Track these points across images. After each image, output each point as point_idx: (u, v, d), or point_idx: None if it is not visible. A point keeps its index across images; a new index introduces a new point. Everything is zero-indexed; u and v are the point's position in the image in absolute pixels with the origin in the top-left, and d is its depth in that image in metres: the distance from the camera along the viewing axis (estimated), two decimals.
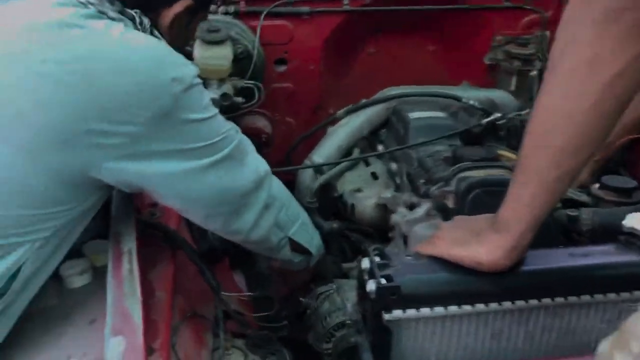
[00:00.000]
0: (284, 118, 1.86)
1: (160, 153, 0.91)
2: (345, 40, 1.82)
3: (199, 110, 0.93)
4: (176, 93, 0.87)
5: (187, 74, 0.90)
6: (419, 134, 1.40)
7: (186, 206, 1.04)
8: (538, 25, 1.82)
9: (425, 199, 1.22)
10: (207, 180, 0.98)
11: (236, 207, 1.06)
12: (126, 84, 0.84)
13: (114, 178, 0.93)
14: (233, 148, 1.00)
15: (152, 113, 0.86)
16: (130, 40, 0.89)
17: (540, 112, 0.76)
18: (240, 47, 1.58)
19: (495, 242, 0.80)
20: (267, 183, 1.11)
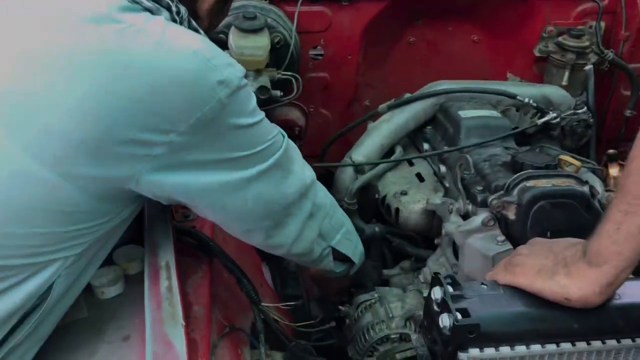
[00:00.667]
0: (318, 110, 1.77)
1: (203, 163, 0.82)
2: (384, 29, 1.72)
3: (246, 115, 0.84)
4: (222, 98, 0.78)
5: (234, 75, 0.80)
6: (471, 134, 1.30)
7: (227, 219, 0.96)
8: (592, 15, 1.69)
9: (482, 208, 1.12)
10: (251, 191, 0.89)
11: (279, 220, 0.98)
12: (168, 89, 0.75)
13: (151, 191, 0.84)
14: (280, 156, 0.92)
15: (196, 120, 0.77)
16: (172, 38, 0.78)
17: None
18: (277, 35, 1.47)
19: (588, 277, 0.71)
20: (313, 191, 1.03)
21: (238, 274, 1.07)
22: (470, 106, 1.39)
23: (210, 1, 0.91)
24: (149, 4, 0.82)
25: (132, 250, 1.09)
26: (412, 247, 1.39)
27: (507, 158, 1.20)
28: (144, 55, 0.75)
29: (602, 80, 1.73)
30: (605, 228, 0.70)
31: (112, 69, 0.74)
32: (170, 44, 0.77)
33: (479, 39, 1.80)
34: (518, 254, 0.83)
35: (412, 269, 1.38)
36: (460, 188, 1.16)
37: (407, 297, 1.24)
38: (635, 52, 1.73)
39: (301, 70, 1.64)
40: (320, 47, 1.67)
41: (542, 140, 1.47)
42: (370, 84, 1.83)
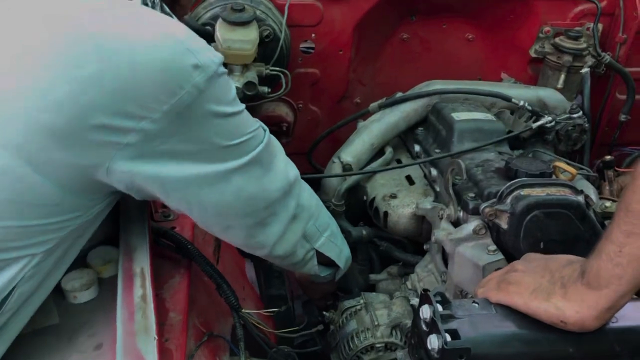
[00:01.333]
0: (308, 106, 1.72)
1: (178, 153, 0.77)
2: (377, 25, 1.67)
3: (225, 103, 0.79)
4: (198, 83, 0.74)
5: (212, 60, 0.76)
6: (464, 138, 1.26)
7: (204, 216, 0.91)
8: (590, 16, 1.66)
9: (474, 215, 1.09)
10: (230, 186, 0.85)
11: (261, 219, 0.94)
12: (140, 73, 0.71)
13: (123, 182, 0.79)
14: (261, 150, 0.87)
15: (171, 106, 0.73)
16: (145, 21, 0.75)
17: None
18: (266, 28, 1.42)
19: (587, 300, 0.67)
20: (297, 190, 0.99)
21: (217, 278, 1.02)
22: (463, 108, 1.35)
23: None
24: None
25: (107, 251, 1.04)
26: (400, 252, 1.35)
27: (500, 164, 1.16)
28: (114, 38, 0.71)
29: (597, 83, 1.70)
30: (606, 249, 0.67)
31: (81, 51, 0.70)
32: (142, 27, 0.73)
33: (474, 38, 1.76)
34: (513, 271, 0.79)
35: (400, 275, 1.34)
36: (451, 194, 1.12)
37: (394, 305, 1.20)
38: (632, 56, 1.69)
39: (290, 66, 1.59)
40: (311, 42, 1.62)
41: (536, 145, 1.44)
42: (361, 80, 1.78)
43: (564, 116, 1.41)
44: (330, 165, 1.45)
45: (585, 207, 1.04)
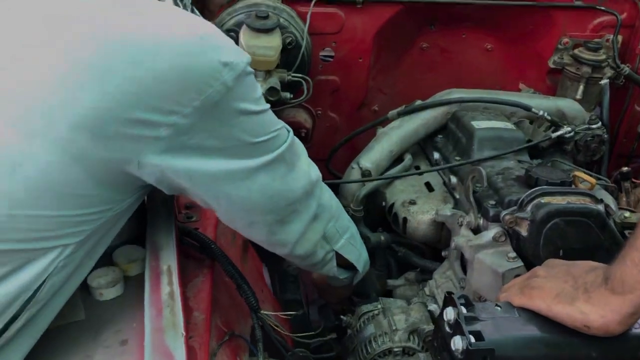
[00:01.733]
0: (327, 113, 1.75)
1: (207, 149, 0.80)
2: (397, 33, 1.69)
3: (251, 101, 0.82)
4: (227, 80, 0.76)
5: (240, 59, 0.78)
6: (484, 146, 1.27)
7: (229, 210, 0.93)
8: (610, 28, 1.67)
9: (494, 222, 1.09)
10: (255, 182, 0.87)
11: (283, 216, 0.95)
12: (171, 67, 0.73)
13: (154, 175, 0.82)
14: (285, 149, 0.89)
15: (200, 103, 0.75)
16: (178, 20, 0.77)
17: None
18: (289, 35, 1.45)
19: (610, 305, 0.68)
20: (318, 191, 1.01)
21: (238, 279, 1.04)
22: (483, 117, 1.36)
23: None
24: None
25: (132, 250, 1.06)
26: (418, 258, 1.36)
27: (520, 172, 1.17)
28: (146, 35, 0.73)
29: (616, 94, 1.70)
30: (631, 255, 0.67)
31: (115, 47, 0.72)
32: (174, 25, 0.75)
33: (493, 48, 1.78)
34: (535, 276, 0.80)
35: (417, 281, 1.35)
36: (472, 201, 1.13)
37: (412, 310, 1.21)
38: None
39: (311, 72, 1.61)
40: (331, 49, 1.64)
41: (554, 154, 1.44)
42: (380, 88, 1.80)
43: (583, 127, 1.42)
44: (349, 171, 1.46)
45: (606, 216, 1.05)
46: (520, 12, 1.68)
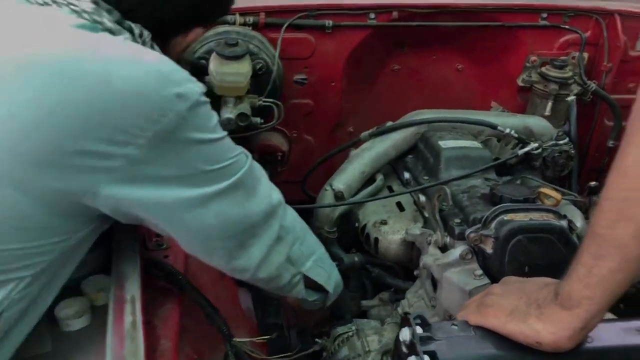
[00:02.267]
0: (302, 135, 1.76)
1: (161, 178, 0.81)
2: (368, 56, 1.72)
3: (207, 130, 0.83)
4: (181, 111, 0.78)
5: (193, 90, 0.80)
6: (451, 165, 1.29)
7: (187, 238, 0.94)
8: (575, 45, 1.70)
9: (460, 241, 1.11)
10: (213, 209, 0.88)
11: (243, 240, 0.96)
12: (124, 100, 0.75)
13: (109, 206, 0.83)
14: (243, 175, 0.91)
15: (154, 133, 0.77)
16: (130, 52, 0.79)
17: (623, 176, 0.64)
18: (259, 62, 1.47)
19: (561, 321, 0.69)
20: (280, 214, 1.01)
21: (208, 309, 1.04)
22: (451, 136, 1.38)
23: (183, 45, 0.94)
24: (110, 25, 0.84)
25: (101, 280, 1.06)
26: (392, 278, 1.37)
27: (486, 190, 1.19)
28: (101, 67, 0.75)
29: (585, 110, 1.74)
30: (577, 271, 0.69)
31: (66, 78, 0.74)
32: (127, 57, 0.77)
33: (463, 68, 1.81)
34: (491, 294, 0.81)
35: (392, 301, 1.35)
36: (438, 220, 1.14)
37: (385, 331, 1.21)
38: (618, 84, 1.74)
39: (284, 96, 1.63)
40: (304, 74, 1.67)
41: (523, 171, 1.46)
42: (354, 110, 1.82)
43: (550, 143, 1.44)
44: (322, 192, 1.48)
45: (569, 232, 1.06)
46: (488, 32, 1.71)
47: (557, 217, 1.07)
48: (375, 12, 1.61)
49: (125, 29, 0.86)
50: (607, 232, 0.65)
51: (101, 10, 0.84)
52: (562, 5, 1.70)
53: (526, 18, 1.69)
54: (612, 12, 1.68)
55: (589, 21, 1.70)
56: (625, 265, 0.65)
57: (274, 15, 1.56)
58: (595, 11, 1.69)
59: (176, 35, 0.94)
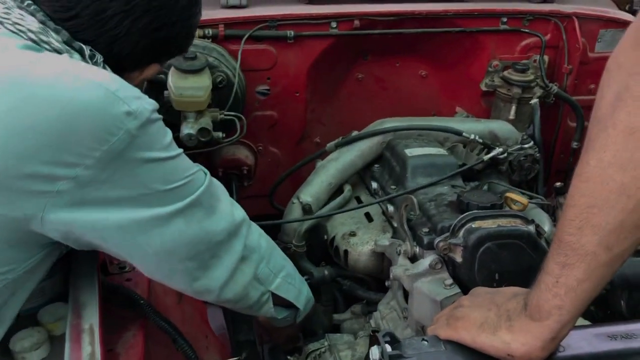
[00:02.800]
0: (268, 148, 1.74)
1: (114, 200, 0.77)
2: (332, 66, 1.70)
3: (159, 149, 0.80)
4: (131, 129, 0.75)
5: (143, 107, 0.77)
6: (418, 173, 1.28)
7: (144, 262, 0.90)
8: (536, 49, 1.72)
9: (429, 250, 1.09)
10: (169, 230, 0.85)
11: (204, 261, 0.92)
12: (71, 121, 0.72)
13: (59, 231, 0.79)
14: (201, 194, 0.87)
15: (103, 153, 0.73)
16: (76, 71, 0.76)
17: (586, 183, 0.63)
18: (219, 75, 1.44)
19: (531, 332, 0.68)
20: (244, 232, 0.98)
21: (172, 333, 1.00)
22: (417, 144, 1.37)
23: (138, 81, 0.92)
24: (58, 45, 0.81)
25: (59, 308, 1.02)
26: (363, 290, 1.34)
27: (453, 197, 1.18)
28: (45, 86, 0.72)
29: (549, 112, 1.75)
30: (544, 280, 0.68)
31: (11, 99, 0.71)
32: (73, 76, 0.74)
33: (427, 74, 1.81)
34: (460, 306, 0.80)
35: (364, 313, 1.33)
36: (406, 230, 1.13)
37: (358, 345, 1.19)
38: (579, 85, 1.76)
39: (247, 109, 1.61)
40: (267, 85, 1.65)
41: (490, 176, 1.46)
42: (320, 120, 1.81)
43: (515, 147, 1.44)
44: (290, 206, 1.45)
45: (537, 236, 1.06)
46: (450, 38, 1.72)
47: (524, 222, 1.07)
48: (336, 21, 1.59)
49: (75, 49, 0.82)
50: (574, 240, 0.64)
51: (48, 29, 0.81)
52: (521, 10, 1.71)
53: (487, 23, 1.70)
54: (570, 14, 1.70)
55: (548, 24, 1.72)
56: (593, 273, 0.64)
57: (233, 27, 1.53)
58: (554, 14, 1.71)
59: (132, 70, 0.91)
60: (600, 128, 0.62)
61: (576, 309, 0.66)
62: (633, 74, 0.59)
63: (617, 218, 0.61)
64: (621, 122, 0.60)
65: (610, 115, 0.61)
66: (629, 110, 0.59)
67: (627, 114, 0.59)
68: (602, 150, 0.61)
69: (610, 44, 1.74)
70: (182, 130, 1.34)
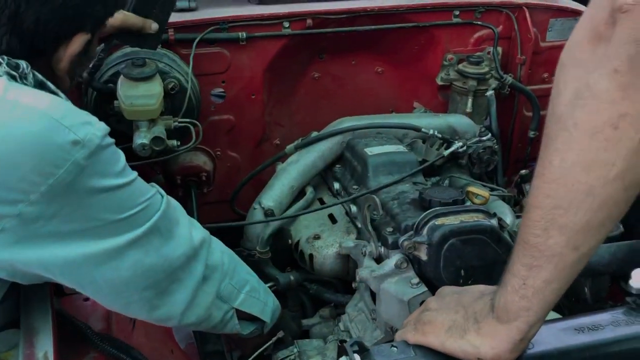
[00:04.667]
0: (227, 152, 1.70)
1: (62, 234, 0.73)
2: (287, 66, 1.68)
3: (111, 176, 0.76)
4: (78, 160, 0.71)
5: (92, 134, 0.73)
6: (379, 172, 1.27)
7: (99, 294, 0.86)
8: (489, 41, 1.73)
9: (394, 250, 1.08)
10: (125, 261, 0.81)
11: (164, 288, 0.88)
12: (11, 155, 0.67)
13: (4, 270, 0.75)
14: (158, 219, 0.83)
15: (48, 187, 0.69)
16: (15, 99, 0.71)
17: (550, 184, 0.62)
18: (171, 81, 1.39)
19: (499, 335, 0.67)
20: (204, 253, 0.94)
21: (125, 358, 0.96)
22: (376, 142, 1.36)
23: (67, 59, 0.83)
24: None
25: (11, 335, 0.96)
26: (330, 293, 1.33)
27: (415, 195, 1.17)
28: None
29: (505, 103, 1.77)
30: (511, 282, 0.67)
31: None
32: (12, 106, 0.69)
33: (383, 71, 1.80)
34: (427, 309, 0.78)
35: (332, 316, 1.32)
36: (370, 230, 1.11)
37: (327, 350, 1.17)
38: (533, 75, 1.78)
39: (203, 114, 1.56)
40: (222, 89, 1.61)
41: (451, 170, 1.47)
42: (278, 122, 1.78)
43: (474, 140, 1.45)
44: (251, 212, 1.42)
45: (499, 230, 1.06)
46: (404, 34, 1.71)
47: (487, 216, 1.07)
48: (289, 20, 1.57)
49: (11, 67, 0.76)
50: (540, 242, 0.63)
51: None
52: (473, 2, 1.71)
53: (440, 17, 1.70)
54: (520, 5, 1.71)
55: (500, 16, 1.73)
56: (561, 274, 0.63)
57: (183, 31, 1.49)
58: (505, 5, 1.72)
59: (55, 48, 0.83)
60: (560, 127, 0.61)
61: (543, 309, 0.66)
62: (591, 72, 0.58)
63: (584, 218, 0.60)
64: (583, 122, 0.59)
65: (571, 114, 0.60)
66: (590, 110, 0.58)
67: (589, 114, 0.58)
68: (565, 151, 0.60)
69: (560, 33, 1.77)
70: (134, 140, 1.29)
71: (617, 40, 0.55)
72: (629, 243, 1.09)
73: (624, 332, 0.74)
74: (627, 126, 0.56)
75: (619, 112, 0.56)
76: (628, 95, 0.56)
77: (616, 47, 0.55)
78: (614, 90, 0.56)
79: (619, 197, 0.59)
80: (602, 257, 1.08)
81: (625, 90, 0.55)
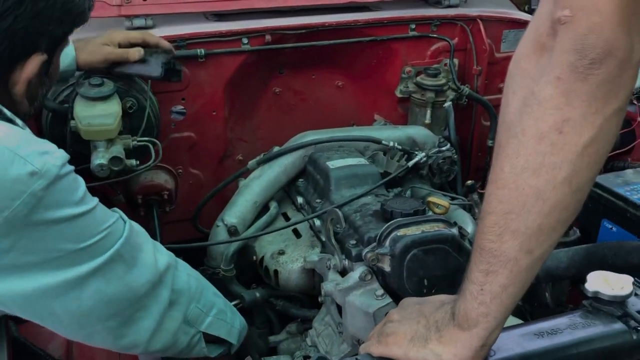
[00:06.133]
0: (188, 170, 1.68)
1: (21, 266, 0.71)
2: (248, 82, 1.68)
3: (70, 205, 0.74)
4: (36, 191, 0.69)
5: (50, 164, 0.71)
6: (341, 185, 1.28)
7: (60, 326, 0.83)
8: (445, 53, 1.77)
9: (358, 262, 1.09)
10: (86, 292, 0.78)
11: (128, 317, 0.86)
12: None
13: None
14: (120, 246, 0.81)
15: (3, 220, 0.67)
16: None
17: (502, 190, 0.64)
18: (129, 99, 1.38)
19: (461, 342, 0.68)
20: (169, 278, 0.92)
21: None
22: (338, 155, 1.37)
23: (24, 82, 0.81)
24: None
25: None
26: (297, 309, 1.32)
27: (377, 206, 1.18)
28: None
29: (463, 113, 1.80)
30: (469, 289, 0.68)
31: None
32: None
33: (343, 85, 1.82)
34: (389, 321, 0.79)
35: (300, 332, 1.31)
36: (334, 243, 1.12)
37: None
38: (489, 85, 1.82)
39: (163, 132, 1.55)
40: (182, 106, 1.60)
41: (412, 180, 1.48)
42: (241, 137, 1.77)
43: (434, 150, 1.47)
44: (214, 229, 1.41)
45: (460, 238, 1.08)
46: (363, 47, 1.73)
47: (447, 225, 1.08)
48: (247, 37, 1.57)
49: None
50: (495, 247, 0.65)
51: None
52: (428, 15, 1.75)
53: (397, 30, 1.73)
54: (474, 17, 1.76)
55: (455, 28, 1.77)
56: (516, 278, 0.65)
57: None
58: (459, 18, 1.76)
59: (10, 71, 0.80)
60: (510, 134, 0.63)
61: (502, 314, 0.67)
62: (537, 80, 0.60)
63: (535, 222, 0.62)
64: (530, 128, 0.61)
65: (519, 121, 0.62)
66: (536, 116, 0.60)
67: (535, 120, 0.60)
68: (515, 157, 0.62)
69: (514, 44, 1.82)
70: (92, 160, 1.27)
71: (558, 49, 0.58)
72: (586, 247, 1.12)
73: (581, 335, 0.76)
74: (571, 130, 0.58)
75: (562, 117, 0.59)
76: (570, 101, 0.58)
77: (558, 56, 0.58)
78: (558, 97, 0.58)
79: (568, 201, 0.61)
80: (561, 261, 1.10)
81: (567, 96, 0.58)
